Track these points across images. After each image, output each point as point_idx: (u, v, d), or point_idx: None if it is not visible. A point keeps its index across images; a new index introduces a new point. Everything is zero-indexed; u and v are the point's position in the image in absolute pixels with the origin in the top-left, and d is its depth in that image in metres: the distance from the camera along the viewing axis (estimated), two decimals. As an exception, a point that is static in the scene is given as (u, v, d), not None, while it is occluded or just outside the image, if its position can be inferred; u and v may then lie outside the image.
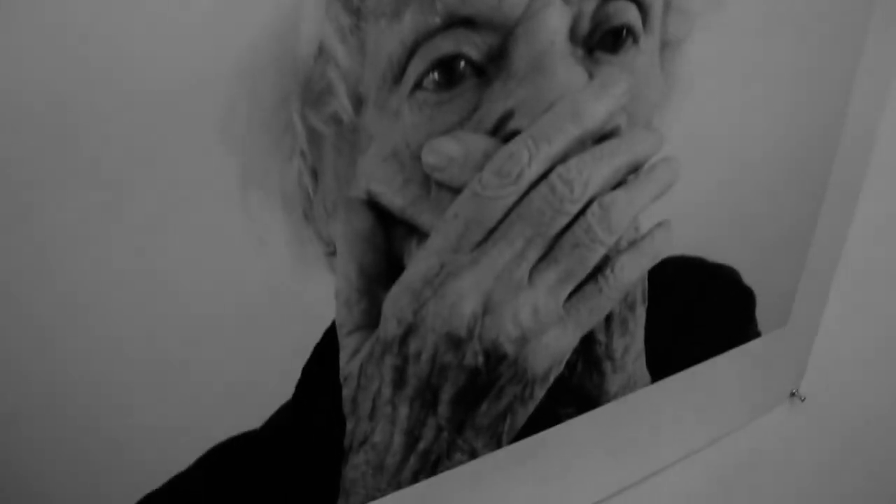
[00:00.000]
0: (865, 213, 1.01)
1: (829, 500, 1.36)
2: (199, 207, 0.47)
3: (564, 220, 0.51)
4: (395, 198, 0.52)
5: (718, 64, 0.68)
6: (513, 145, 0.49)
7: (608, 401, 0.66)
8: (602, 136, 0.53)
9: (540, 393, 0.57)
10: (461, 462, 0.59)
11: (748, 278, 0.85)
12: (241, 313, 0.51)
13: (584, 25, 0.52)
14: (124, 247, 0.46)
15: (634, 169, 0.54)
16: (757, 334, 0.93)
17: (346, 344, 0.55)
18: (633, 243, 0.56)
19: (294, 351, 0.55)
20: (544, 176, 0.50)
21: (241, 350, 0.52)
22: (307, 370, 0.55)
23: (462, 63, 0.50)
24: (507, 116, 0.51)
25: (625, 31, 0.54)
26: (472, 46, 0.50)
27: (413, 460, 0.57)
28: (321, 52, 0.48)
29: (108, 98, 0.42)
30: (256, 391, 0.54)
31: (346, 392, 0.56)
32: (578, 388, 0.64)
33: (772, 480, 1.24)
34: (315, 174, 0.52)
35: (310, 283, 0.54)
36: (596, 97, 0.50)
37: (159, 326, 0.49)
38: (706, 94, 0.67)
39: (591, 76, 0.52)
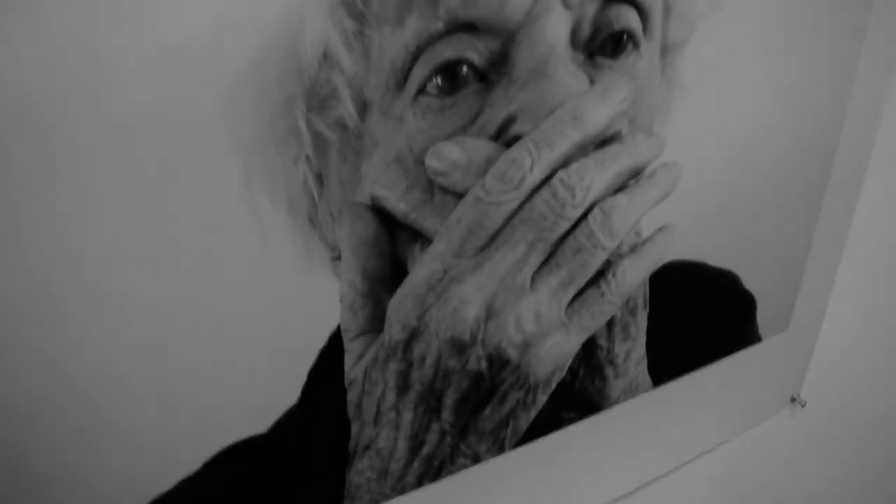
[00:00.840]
0: (864, 217, 1.02)
1: (830, 506, 1.36)
2: (206, 209, 0.47)
3: (566, 225, 0.51)
4: (398, 203, 0.53)
5: (717, 68, 0.68)
6: (515, 150, 0.50)
7: (610, 406, 0.66)
8: (603, 141, 0.53)
9: (542, 398, 0.57)
10: (464, 466, 0.59)
11: (749, 283, 0.85)
12: (248, 317, 0.52)
13: (585, 30, 0.52)
14: (130, 246, 0.46)
15: (636, 174, 0.54)
16: (758, 339, 0.93)
17: (351, 348, 0.55)
18: (634, 248, 0.56)
19: (300, 355, 0.55)
20: (546, 181, 0.51)
21: (247, 354, 0.52)
22: (313, 374, 0.55)
23: (464, 68, 0.50)
24: (510, 121, 0.51)
25: (625, 37, 0.54)
26: (475, 51, 0.50)
27: (417, 465, 0.57)
28: (326, 57, 0.48)
29: (117, 100, 0.42)
30: (263, 395, 0.54)
31: (351, 397, 0.56)
32: (581, 394, 0.64)
33: (772, 485, 1.24)
34: (320, 179, 0.53)
35: (315, 287, 0.54)
36: (597, 102, 0.51)
37: (163, 329, 0.49)
38: (705, 98, 0.67)
39: (592, 81, 0.52)
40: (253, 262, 0.50)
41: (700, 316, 0.83)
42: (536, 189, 0.51)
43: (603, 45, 0.54)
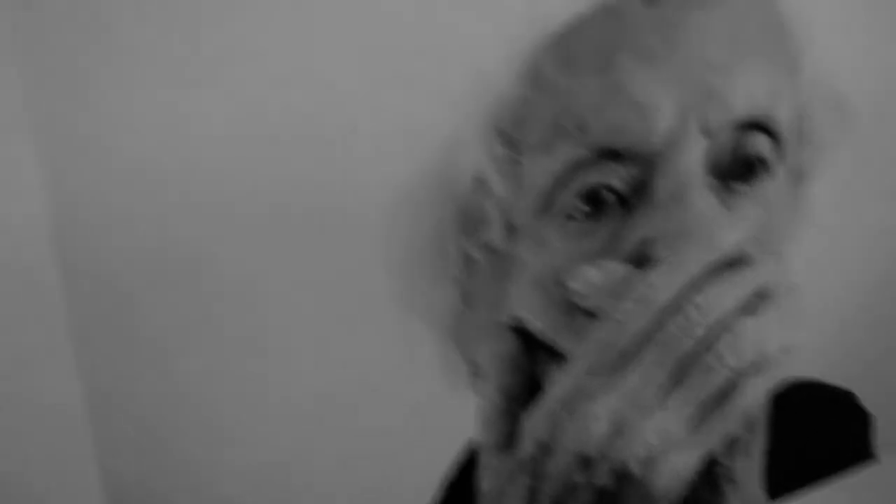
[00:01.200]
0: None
1: None
2: (356, 326, 0.50)
3: (694, 346, 0.52)
4: (538, 322, 0.54)
5: (845, 193, 0.68)
6: (652, 275, 0.51)
7: (726, 521, 0.66)
8: (733, 263, 0.54)
9: (663, 512, 0.57)
10: (584, 580, 0.58)
11: (866, 401, 0.84)
12: (388, 429, 0.53)
13: (721, 156, 0.54)
14: (281, 355, 0.48)
15: (763, 297, 0.55)
16: (874, 457, 0.91)
17: (485, 462, 0.56)
18: (756, 367, 0.56)
19: (437, 467, 0.56)
20: (677, 301, 0.52)
21: (386, 464, 0.54)
22: (449, 486, 0.56)
23: (608, 193, 0.52)
24: (647, 245, 0.53)
25: (759, 162, 0.55)
26: (618, 178, 0.52)
27: None
28: (478, 183, 0.51)
29: (291, 224, 0.45)
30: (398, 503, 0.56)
31: None
32: (699, 509, 0.63)
33: None
34: (466, 299, 0.55)
35: (454, 402, 0.55)
36: (730, 228, 0.52)
37: (308, 434, 0.51)
38: (829, 221, 0.68)
39: (725, 206, 0.54)
40: (396, 377, 0.52)
41: (818, 434, 0.82)
42: (668, 310, 0.52)
43: (737, 171, 0.55)
